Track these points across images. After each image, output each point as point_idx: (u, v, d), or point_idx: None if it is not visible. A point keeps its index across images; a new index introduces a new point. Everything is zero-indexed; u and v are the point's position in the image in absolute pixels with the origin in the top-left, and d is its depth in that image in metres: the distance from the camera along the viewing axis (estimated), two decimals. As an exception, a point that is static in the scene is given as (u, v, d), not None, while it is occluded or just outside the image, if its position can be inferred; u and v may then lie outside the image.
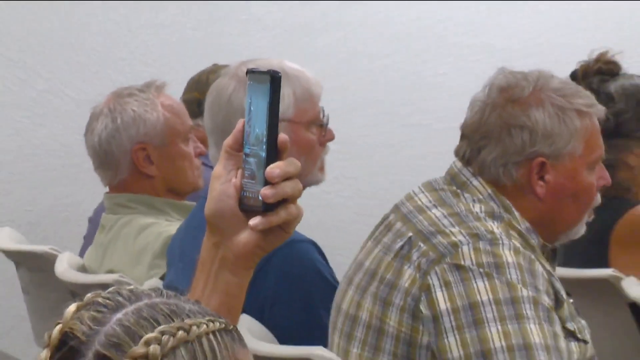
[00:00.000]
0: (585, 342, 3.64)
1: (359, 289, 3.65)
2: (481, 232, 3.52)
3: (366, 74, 6.63)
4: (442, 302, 3.45)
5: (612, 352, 4.91)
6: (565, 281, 4.56)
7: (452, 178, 3.69)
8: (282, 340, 3.90)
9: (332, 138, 4.31)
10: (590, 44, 5.29)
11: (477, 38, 7.77)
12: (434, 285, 3.46)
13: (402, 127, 6.67)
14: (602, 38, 5.69)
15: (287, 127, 4.03)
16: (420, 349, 3.49)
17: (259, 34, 6.20)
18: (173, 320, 1.74)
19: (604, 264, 4.87)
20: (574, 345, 3.56)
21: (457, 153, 3.76)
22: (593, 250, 4.97)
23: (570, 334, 3.56)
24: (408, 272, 3.50)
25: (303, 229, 3.30)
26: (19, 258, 5.42)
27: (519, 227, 3.63)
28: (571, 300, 3.87)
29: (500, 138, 3.65)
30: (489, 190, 3.63)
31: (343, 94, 5.80)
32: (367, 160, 5.15)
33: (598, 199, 3.84)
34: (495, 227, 3.57)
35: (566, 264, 4.99)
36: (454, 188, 3.67)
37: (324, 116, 4.29)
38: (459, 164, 3.72)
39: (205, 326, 1.77)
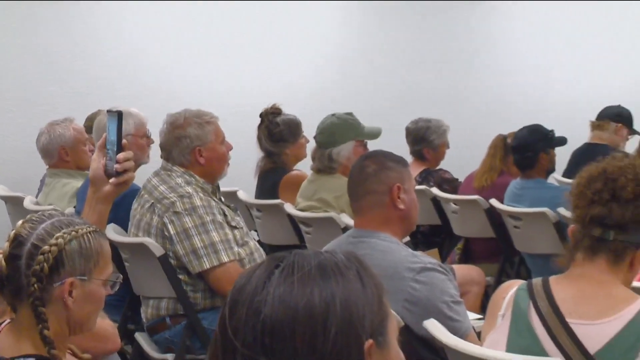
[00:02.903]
0: (242, 228, 3.72)
1: (136, 227, 3.71)
2: (183, 193, 3.58)
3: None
4: (172, 229, 3.55)
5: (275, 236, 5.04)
6: (261, 206, 4.98)
7: (163, 168, 3.73)
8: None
9: (152, 142, 4.34)
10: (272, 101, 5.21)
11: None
12: (167, 223, 3.56)
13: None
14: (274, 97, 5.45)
15: (131, 138, 4.10)
16: (169, 252, 3.56)
17: (118, 99, 5.49)
18: (70, 227, 1.94)
19: (277, 197, 4.95)
20: (237, 232, 3.65)
21: (162, 157, 3.80)
22: (273, 192, 5.01)
23: (234, 227, 3.64)
24: (155, 218, 3.59)
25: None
26: (7, 199, 5.39)
27: (200, 184, 3.66)
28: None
29: (178, 144, 3.68)
30: (182, 170, 3.67)
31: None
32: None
33: (229, 156, 3.85)
34: (190, 188, 3.61)
35: (261, 197, 5.15)
36: (167, 172, 3.70)
37: (149, 132, 4.34)
38: (164, 161, 3.77)
39: (86, 229, 1.97)
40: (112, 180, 2.32)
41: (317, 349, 1.04)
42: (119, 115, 2.32)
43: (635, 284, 2.51)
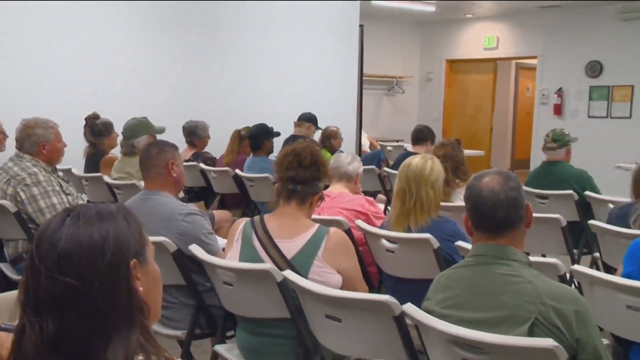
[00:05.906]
0: (73, 194, 3.32)
1: None
2: (31, 172, 3.26)
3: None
4: (24, 196, 3.22)
5: (99, 197, 4.47)
6: (88, 178, 4.48)
7: (17, 155, 3.33)
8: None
9: (7, 137, 3.96)
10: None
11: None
12: (19, 192, 3.22)
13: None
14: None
15: None
16: (22, 211, 3.21)
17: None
18: None
19: (99, 172, 4.60)
20: (69, 197, 3.27)
21: (16, 147, 3.38)
22: (95, 168, 4.68)
23: (67, 194, 3.26)
24: (10, 189, 3.25)
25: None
26: None
27: (43, 167, 3.32)
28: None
29: (28, 139, 3.32)
30: (30, 157, 3.32)
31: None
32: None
33: (64, 150, 3.39)
34: (36, 169, 3.29)
35: (87, 172, 4.75)
36: (20, 158, 3.32)
37: (5, 130, 3.97)
38: (17, 150, 3.36)
39: None
40: None
41: (98, 268, 0.97)
42: None
43: (315, 216, 2.60)
